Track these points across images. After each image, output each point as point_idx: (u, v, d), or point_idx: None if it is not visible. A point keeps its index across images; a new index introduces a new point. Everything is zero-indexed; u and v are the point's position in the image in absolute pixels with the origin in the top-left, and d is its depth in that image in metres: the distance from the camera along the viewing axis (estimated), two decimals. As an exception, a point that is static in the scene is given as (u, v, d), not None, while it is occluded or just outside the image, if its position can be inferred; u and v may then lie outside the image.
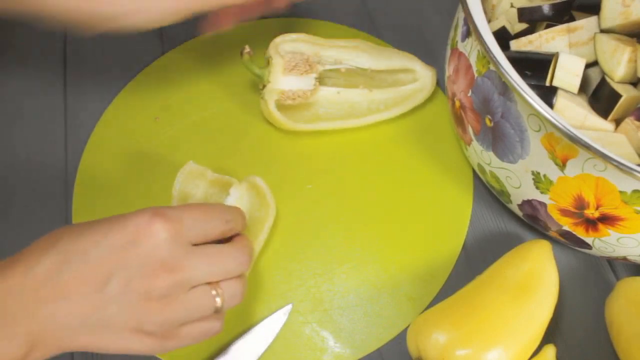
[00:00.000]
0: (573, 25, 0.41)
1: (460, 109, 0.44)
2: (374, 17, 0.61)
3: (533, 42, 0.42)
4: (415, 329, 0.41)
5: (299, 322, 0.45)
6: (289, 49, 0.52)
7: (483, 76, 0.40)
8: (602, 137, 0.38)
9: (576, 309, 0.46)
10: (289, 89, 0.50)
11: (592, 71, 0.42)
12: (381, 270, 0.47)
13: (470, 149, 0.45)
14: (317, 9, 0.61)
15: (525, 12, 0.43)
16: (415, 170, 0.52)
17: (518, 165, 0.40)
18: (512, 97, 0.38)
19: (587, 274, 0.48)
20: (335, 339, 0.45)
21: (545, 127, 0.36)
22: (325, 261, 0.47)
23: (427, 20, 0.61)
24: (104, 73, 0.57)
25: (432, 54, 0.58)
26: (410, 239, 0.49)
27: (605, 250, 0.41)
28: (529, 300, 0.40)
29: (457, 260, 0.48)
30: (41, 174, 0.51)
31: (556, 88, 0.40)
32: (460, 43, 0.43)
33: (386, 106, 0.53)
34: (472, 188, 0.51)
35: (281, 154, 0.52)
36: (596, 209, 0.38)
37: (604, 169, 0.35)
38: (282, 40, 0.51)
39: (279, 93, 0.50)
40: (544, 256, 0.43)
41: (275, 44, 0.51)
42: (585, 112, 0.39)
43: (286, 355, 0.44)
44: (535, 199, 0.41)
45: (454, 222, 0.49)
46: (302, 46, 0.52)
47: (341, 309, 0.46)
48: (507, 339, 0.39)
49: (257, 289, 0.46)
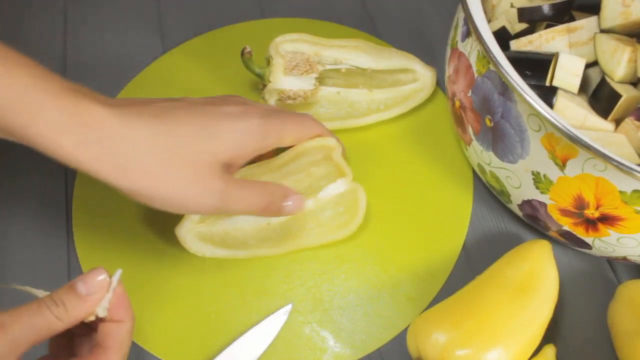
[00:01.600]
0: (573, 25, 0.41)
1: (460, 109, 0.44)
2: (374, 17, 0.61)
3: (533, 42, 0.42)
4: (415, 329, 0.41)
5: (299, 322, 0.45)
6: (289, 48, 0.51)
7: (483, 76, 0.40)
8: (602, 137, 0.38)
9: (576, 309, 0.46)
10: (289, 88, 0.50)
11: (592, 71, 0.42)
12: (381, 270, 0.47)
13: (470, 149, 0.45)
14: (317, 8, 0.61)
15: (525, 12, 0.43)
16: (415, 171, 0.52)
17: (518, 165, 0.40)
18: (512, 97, 0.38)
19: (587, 274, 0.48)
20: (335, 339, 0.45)
21: (545, 127, 0.36)
22: (325, 261, 0.47)
23: (427, 20, 0.61)
24: (104, 73, 0.57)
25: (432, 54, 0.58)
26: (410, 239, 0.49)
27: (605, 250, 0.41)
28: (529, 300, 0.40)
29: (457, 260, 0.48)
30: (42, 174, 0.51)
31: (556, 88, 0.40)
32: (460, 43, 0.43)
33: (386, 106, 0.53)
34: (472, 188, 0.51)
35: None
36: (596, 209, 0.38)
37: (604, 169, 0.35)
38: (282, 40, 0.51)
39: (279, 93, 0.50)
40: (544, 256, 0.43)
41: (276, 44, 0.51)
42: (585, 112, 0.39)
43: (286, 355, 0.44)
44: (535, 199, 0.41)
45: (454, 222, 0.49)
46: (302, 46, 0.52)
47: (341, 309, 0.46)
48: (507, 339, 0.39)
49: (257, 289, 0.46)
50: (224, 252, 0.45)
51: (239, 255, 0.46)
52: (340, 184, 0.47)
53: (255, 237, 0.46)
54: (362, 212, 0.47)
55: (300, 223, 0.46)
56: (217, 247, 0.45)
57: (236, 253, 0.46)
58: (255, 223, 0.46)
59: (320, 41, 0.52)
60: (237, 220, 0.46)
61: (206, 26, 0.60)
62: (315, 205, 0.47)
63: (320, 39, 0.52)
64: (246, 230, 0.46)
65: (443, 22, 0.60)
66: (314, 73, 0.51)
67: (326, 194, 0.47)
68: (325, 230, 0.47)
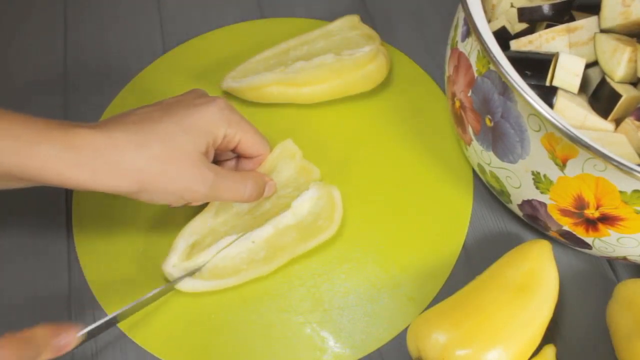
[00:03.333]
0: (573, 25, 0.41)
1: (460, 109, 0.44)
2: (374, 17, 0.61)
3: (533, 42, 0.42)
4: (415, 329, 0.41)
5: (299, 322, 0.45)
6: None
7: (483, 76, 0.40)
8: (602, 137, 0.38)
9: (576, 309, 0.46)
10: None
11: (592, 71, 0.42)
12: (381, 270, 0.47)
13: (470, 149, 0.45)
14: (317, 8, 0.61)
15: (525, 12, 0.43)
16: (415, 170, 0.52)
17: (518, 165, 0.40)
18: (512, 97, 0.38)
19: (587, 274, 0.48)
20: (335, 339, 0.45)
21: (545, 127, 0.36)
22: (325, 261, 0.47)
23: (427, 20, 0.61)
24: (104, 73, 0.57)
25: (432, 54, 0.58)
26: (410, 238, 0.49)
27: (605, 250, 0.41)
28: (529, 300, 0.40)
29: (457, 260, 0.48)
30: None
31: (556, 88, 0.40)
32: (460, 43, 0.43)
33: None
34: (472, 188, 0.51)
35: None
36: (596, 209, 0.38)
37: (604, 169, 0.35)
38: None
39: None
40: (544, 256, 0.43)
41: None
42: (585, 112, 0.39)
43: (286, 355, 0.44)
44: (535, 199, 0.41)
45: (454, 222, 0.49)
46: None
47: (341, 309, 0.46)
48: (507, 339, 0.39)
49: (257, 289, 0.46)
50: (215, 284, 0.45)
51: (231, 283, 0.45)
52: (313, 190, 0.47)
53: (244, 260, 0.46)
54: (339, 212, 0.47)
55: (282, 236, 0.46)
56: (208, 281, 0.45)
57: (228, 282, 0.45)
58: (241, 246, 0.46)
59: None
60: (222, 244, 0.45)
61: (206, 26, 0.60)
62: (293, 216, 0.47)
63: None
64: (234, 256, 0.46)
65: (443, 22, 0.60)
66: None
67: (301, 202, 0.47)
68: (308, 235, 0.46)
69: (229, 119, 0.43)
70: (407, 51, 0.58)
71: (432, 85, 0.56)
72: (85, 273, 0.47)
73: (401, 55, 0.58)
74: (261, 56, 0.54)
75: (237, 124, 0.44)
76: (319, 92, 0.52)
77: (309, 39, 0.55)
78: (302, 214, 0.47)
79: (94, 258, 0.48)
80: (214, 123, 0.42)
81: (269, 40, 0.55)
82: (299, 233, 0.46)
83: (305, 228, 0.47)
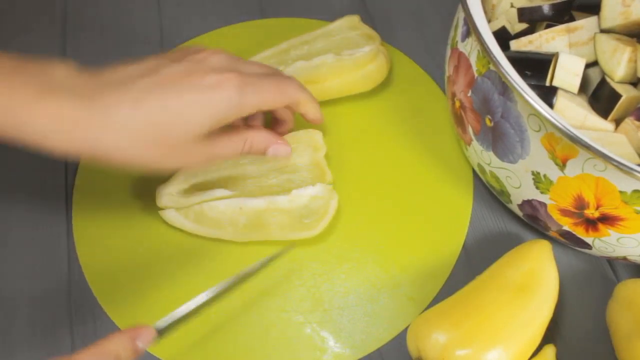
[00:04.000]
0: (573, 25, 0.41)
1: (460, 109, 0.44)
2: (374, 17, 0.61)
3: (533, 42, 0.42)
4: (415, 329, 0.41)
5: (299, 322, 0.45)
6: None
7: (483, 76, 0.40)
8: (602, 137, 0.38)
9: (576, 309, 0.46)
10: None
11: (592, 71, 0.42)
12: (381, 270, 0.47)
13: (470, 149, 0.45)
14: (317, 8, 0.61)
15: (525, 12, 0.43)
16: (415, 170, 0.52)
17: (518, 165, 0.40)
18: (512, 97, 0.38)
19: (587, 274, 0.48)
20: (335, 339, 0.45)
21: (545, 127, 0.36)
22: (325, 261, 0.47)
23: (427, 20, 0.61)
24: (104, 73, 0.57)
25: (432, 54, 0.58)
26: (410, 238, 0.49)
27: (605, 250, 0.41)
28: (529, 300, 0.40)
29: (457, 260, 0.48)
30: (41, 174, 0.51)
31: (556, 88, 0.40)
32: (460, 43, 0.43)
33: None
34: (472, 188, 0.51)
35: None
36: (596, 209, 0.38)
37: (604, 169, 0.35)
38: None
39: None
40: (544, 256, 0.43)
41: None
42: (585, 112, 0.39)
43: (286, 355, 0.44)
44: (535, 199, 0.41)
45: (454, 222, 0.49)
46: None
47: (341, 309, 0.46)
48: (507, 339, 0.39)
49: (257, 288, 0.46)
50: (194, 227, 0.47)
51: (208, 233, 0.47)
52: (318, 188, 0.47)
53: (228, 219, 0.47)
54: (327, 219, 0.47)
55: (269, 215, 0.47)
56: (190, 221, 0.47)
57: (207, 231, 0.47)
58: (231, 205, 0.47)
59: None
60: (215, 194, 0.47)
61: (206, 26, 0.60)
62: (289, 203, 0.47)
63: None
64: (221, 210, 0.47)
65: (443, 22, 0.60)
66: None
67: (302, 194, 0.47)
68: (291, 227, 0.47)
69: (240, 103, 0.40)
70: (407, 51, 0.58)
71: (432, 85, 0.56)
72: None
73: (401, 55, 0.58)
74: (261, 56, 0.54)
75: (251, 103, 0.41)
76: (319, 92, 0.52)
77: (309, 38, 0.55)
78: (299, 204, 0.47)
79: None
80: (214, 112, 0.39)
81: (269, 40, 0.55)
82: (287, 220, 0.47)
83: (294, 218, 0.47)
